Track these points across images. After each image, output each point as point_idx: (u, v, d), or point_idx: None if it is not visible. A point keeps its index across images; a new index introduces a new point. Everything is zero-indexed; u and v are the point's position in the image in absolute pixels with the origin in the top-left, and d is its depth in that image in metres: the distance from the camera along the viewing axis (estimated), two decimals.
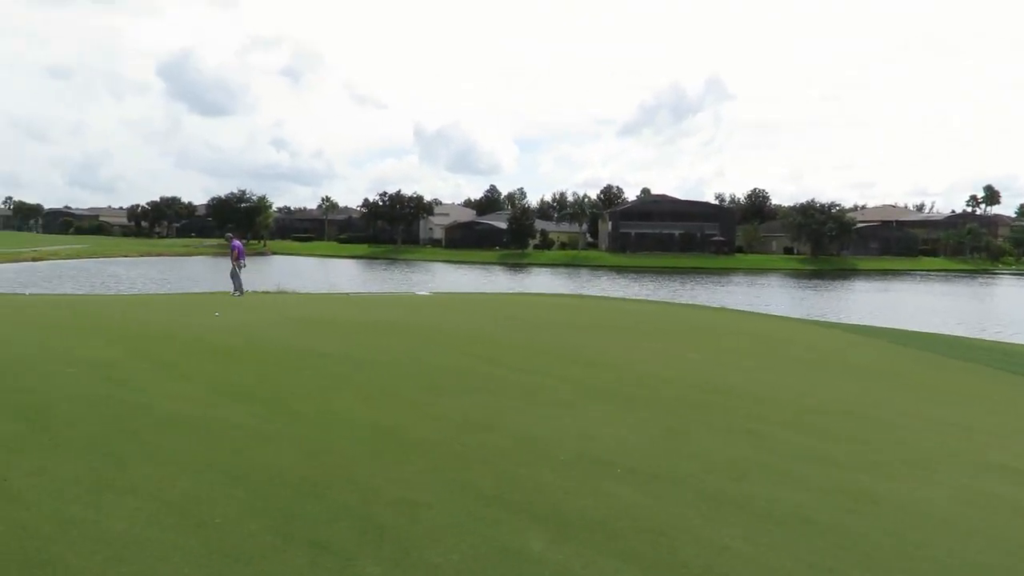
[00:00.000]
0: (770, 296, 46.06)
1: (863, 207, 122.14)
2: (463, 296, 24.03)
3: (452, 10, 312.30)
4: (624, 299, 29.01)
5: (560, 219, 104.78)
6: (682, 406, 7.23)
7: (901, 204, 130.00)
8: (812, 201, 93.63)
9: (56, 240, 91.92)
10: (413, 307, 16.84)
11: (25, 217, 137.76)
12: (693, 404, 7.36)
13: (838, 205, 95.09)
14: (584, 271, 74.78)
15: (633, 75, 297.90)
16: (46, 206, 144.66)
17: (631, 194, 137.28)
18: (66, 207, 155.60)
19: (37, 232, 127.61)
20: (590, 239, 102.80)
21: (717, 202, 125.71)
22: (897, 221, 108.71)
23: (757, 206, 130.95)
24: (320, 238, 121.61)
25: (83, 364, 7.46)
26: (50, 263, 58.73)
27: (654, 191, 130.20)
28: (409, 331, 11.44)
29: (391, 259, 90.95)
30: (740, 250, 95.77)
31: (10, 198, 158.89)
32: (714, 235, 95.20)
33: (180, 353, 8.52)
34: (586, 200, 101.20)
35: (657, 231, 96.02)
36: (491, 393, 7.04)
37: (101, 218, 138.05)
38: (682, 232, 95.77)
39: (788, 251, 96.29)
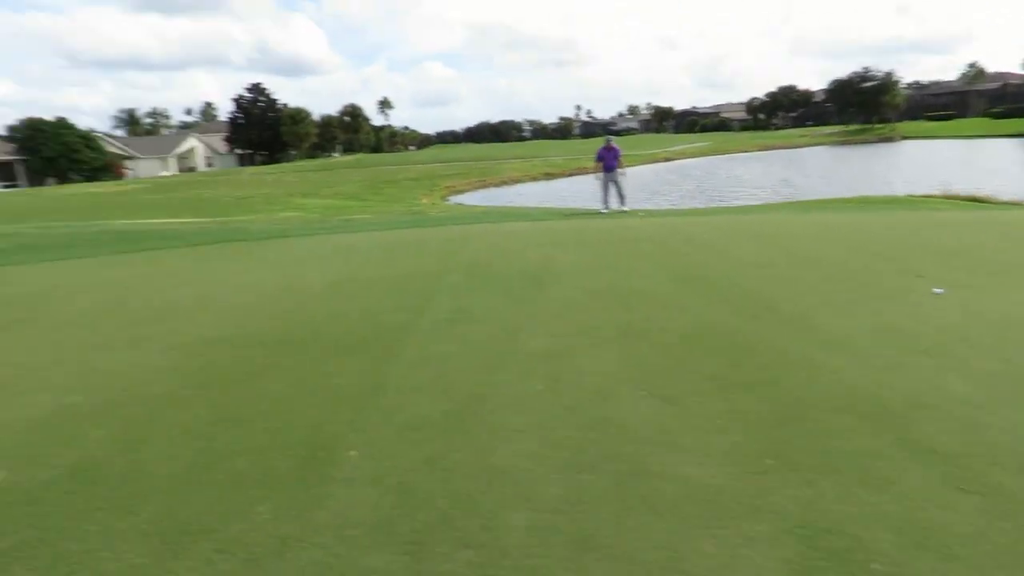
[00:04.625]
0: None
1: None
2: None
3: None
4: None
5: None
6: None
7: None
8: None
9: (684, 139, 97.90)
10: None
11: (660, 120, 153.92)
12: None
13: None
14: None
15: None
16: (676, 108, 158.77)
17: None
18: (692, 107, 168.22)
19: (670, 133, 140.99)
20: None
21: None
22: None
23: None
24: (962, 115, 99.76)
25: None
26: (677, 163, 61.15)
27: None
28: None
29: None
30: None
31: (649, 103, 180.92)
32: None
33: None
34: None
35: None
36: None
37: (722, 115, 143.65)
38: None
39: None
